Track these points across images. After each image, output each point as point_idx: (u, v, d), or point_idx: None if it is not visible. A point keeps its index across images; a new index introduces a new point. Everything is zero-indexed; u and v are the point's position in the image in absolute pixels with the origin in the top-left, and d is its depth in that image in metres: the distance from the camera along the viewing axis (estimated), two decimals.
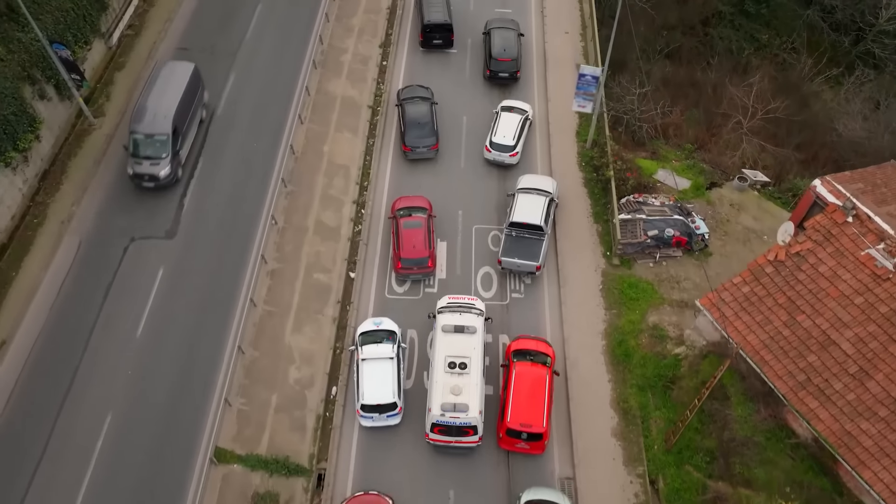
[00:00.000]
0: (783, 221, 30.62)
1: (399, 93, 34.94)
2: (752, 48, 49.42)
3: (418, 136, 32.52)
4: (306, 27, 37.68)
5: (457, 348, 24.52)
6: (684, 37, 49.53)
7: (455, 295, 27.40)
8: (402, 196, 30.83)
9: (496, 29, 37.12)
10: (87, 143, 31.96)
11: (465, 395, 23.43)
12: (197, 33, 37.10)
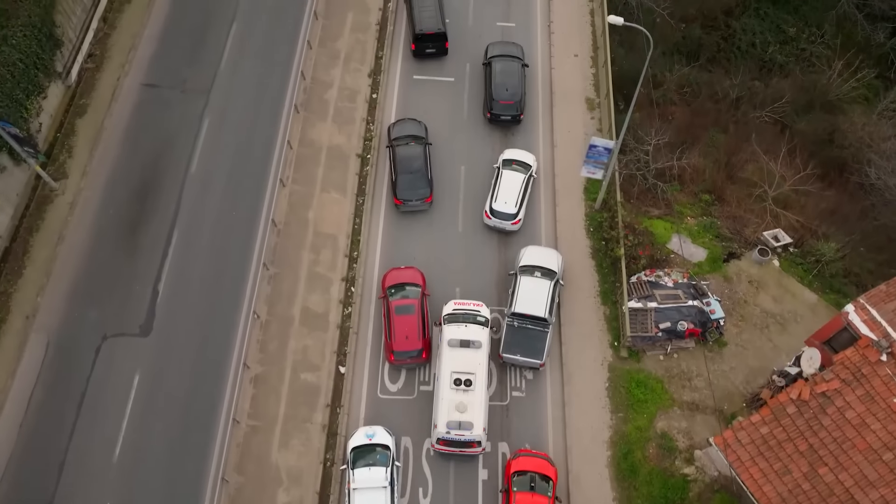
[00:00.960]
0: (805, 303, 28.65)
1: (390, 129, 31.87)
2: (777, 42, 45.19)
3: (411, 187, 29.97)
4: (287, 56, 33.89)
5: (462, 364, 25.02)
6: (704, 31, 45.19)
7: (460, 301, 27.13)
8: (393, 268, 28.51)
9: (498, 59, 33.36)
10: (49, 214, 29.25)
11: (469, 412, 24.29)
12: (165, 64, 33.37)
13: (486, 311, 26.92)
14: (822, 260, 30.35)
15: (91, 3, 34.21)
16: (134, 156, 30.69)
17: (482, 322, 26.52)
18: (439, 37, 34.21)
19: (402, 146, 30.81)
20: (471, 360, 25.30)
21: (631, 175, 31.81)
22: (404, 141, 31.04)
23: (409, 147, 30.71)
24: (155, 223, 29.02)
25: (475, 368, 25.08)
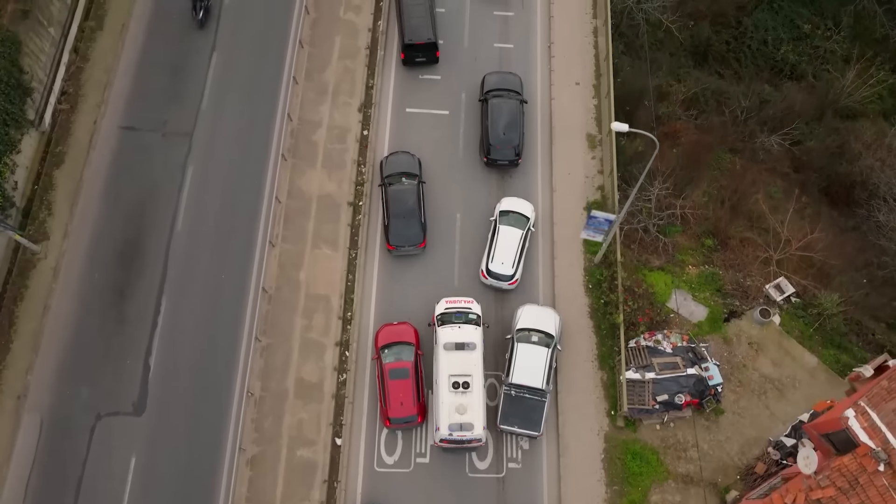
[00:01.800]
0: (804, 367, 28.43)
1: (382, 163, 30.67)
2: (790, 40, 42.87)
3: (403, 233, 29.21)
4: (271, 92, 32.07)
5: (458, 366, 25.89)
6: (713, 28, 42.74)
7: (452, 298, 27.77)
8: (386, 324, 28.05)
9: (495, 96, 31.58)
10: (33, 281, 28.39)
11: (469, 413, 25.38)
12: (143, 103, 31.60)
13: (476, 307, 27.59)
14: (824, 314, 29.87)
15: (60, 34, 31.99)
16: (116, 212, 29.52)
17: (474, 320, 27.13)
18: (429, 46, 32.50)
19: (394, 185, 29.71)
20: (466, 362, 26.05)
21: (633, 229, 30.74)
22: (397, 179, 29.91)
23: (401, 187, 29.63)
24: (142, 289, 28.25)
25: (471, 370, 25.92)
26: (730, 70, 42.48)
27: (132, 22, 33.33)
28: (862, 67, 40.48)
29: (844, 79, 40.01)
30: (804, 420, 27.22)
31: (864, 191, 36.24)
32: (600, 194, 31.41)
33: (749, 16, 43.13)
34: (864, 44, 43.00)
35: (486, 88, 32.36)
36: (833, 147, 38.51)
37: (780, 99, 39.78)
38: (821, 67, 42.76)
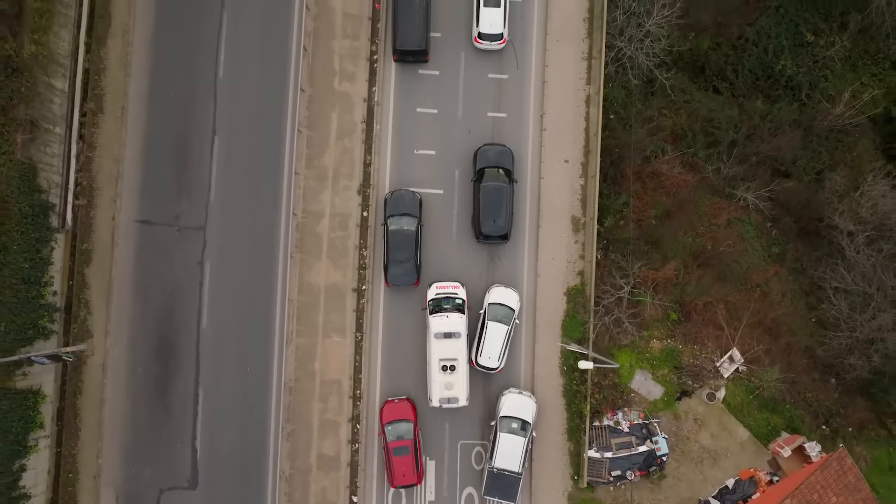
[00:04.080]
0: (737, 440, 34.61)
1: (386, 200, 33.76)
2: (792, 47, 42.19)
3: (401, 274, 33.43)
4: (274, 183, 33.89)
5: (447, 352, 32.43)
6: (714, 40, 41.88)
7: (441, 284, 33.38)
8: (389, 401, 33.46)
9: (487, 184, 33.60)
10: (86, 376, 33.09)
11: (455, 389, 32.53)
12: (154, 195, 33.65)
13: (462, 292, 33.04)
14: (763, 385, 35.01)
15: (65, 127, 32.92)
16: (148, 310, 33.27)
17: (460, 306, 32.71)
18: (420, 52, 34.03)
19: (395, 227, 33.10)
20: (453, 348, 32.52)
21: (605, 322, 34.52)
22: (398, 221, 33.16)
23: (401, 230, 33.07)
24: (180, 383, 33.12)
25: (457, 354, 32.53)
26: (726, 83, 42.50)
27: (130, 102, 33.87)
28: (855, 90, 40.85)
29: (835, 107, 40.54)
30: (729, 485, 33.75)
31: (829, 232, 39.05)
32: (580, 279, 34.76)
33: (753, 24, 41.98)
34: (864, 52, 42.57)
35: (480, 164, 34.10)
36: (810, 188, 40.47)
37: (767, 130, 40.69)
38: (819, 75, 42.65)
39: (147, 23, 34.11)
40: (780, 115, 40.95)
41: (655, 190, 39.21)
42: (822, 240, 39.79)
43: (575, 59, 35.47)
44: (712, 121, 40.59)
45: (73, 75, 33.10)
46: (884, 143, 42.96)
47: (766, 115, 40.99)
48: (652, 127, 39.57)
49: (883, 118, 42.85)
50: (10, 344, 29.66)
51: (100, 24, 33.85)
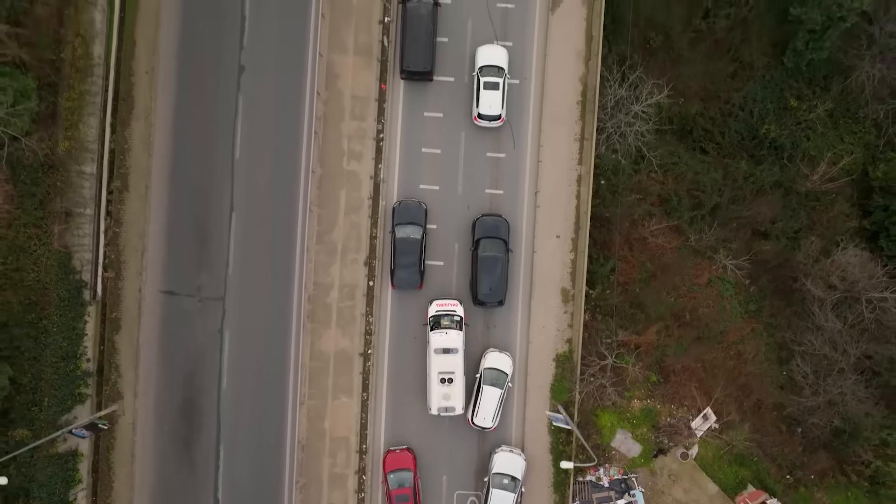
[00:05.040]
0: (706, 494, 38.29)
1: (395, 209, 36.58)
2: (776, 111, 44.45)
3: (406, 278, 36.50)
4: (287, 261, 36.72)
5: (445, 365, 35.70)
6: (702, 105, 44.15)
7: (441, 301, 36.67)
8: (391, 451, 36.88)
9: (484, 254, 36.45)
10: (118, 433, 36.43)
11: (452, 399, 35.95)
12: (177, 268, 36.54)
13: (460, 309, 36.18)
14: (732, 443, 38.49)
15: (94, 208, 35.55)
16: (173, 374, 36.47)
17: (458, 322, 35.92)
18: (426, 73, 36.48)
19: (401, 236, 36.05)
20: (451, 362, 35.68)
21: (590, 388, 37.74)
22: (403, 231, 36.03)
23: (408, 238, 36.06)
24: (203, 439, 36.52)
25: (454, 368, 35.73)
26: (713, 143, 44.88)
27: (153, 181, 36.45)
28: (835, 154, 43.36)
29: (814, 173, 43.08)
30: None
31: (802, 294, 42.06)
32: (568, 347, 37.86)
33: (740, 90, 44.14)
34: (845, 116, 44.80)
35: (478, 234, 36.92)
36: (787, 248, 43.30)
37: (750, 192, 43.31)
38: (801, 135, 44.96)
39: (168, 106, 36.44)
40: (762, 176, 43.54)
41: (642, 252, 42.04)
42: (795, 298, 42.82)
43: (568, 140, 37.91)
44: (698, 184, 43.12)
45: (100, 157, 35.59)
46: (860, 198, 45.61)
47: (749, 175, 43.55)
48: (640, 191, 42.25)
49: (861, 173, 45.37)
50: (53, 416, 32.91)
51: (124, 106, 36.19)
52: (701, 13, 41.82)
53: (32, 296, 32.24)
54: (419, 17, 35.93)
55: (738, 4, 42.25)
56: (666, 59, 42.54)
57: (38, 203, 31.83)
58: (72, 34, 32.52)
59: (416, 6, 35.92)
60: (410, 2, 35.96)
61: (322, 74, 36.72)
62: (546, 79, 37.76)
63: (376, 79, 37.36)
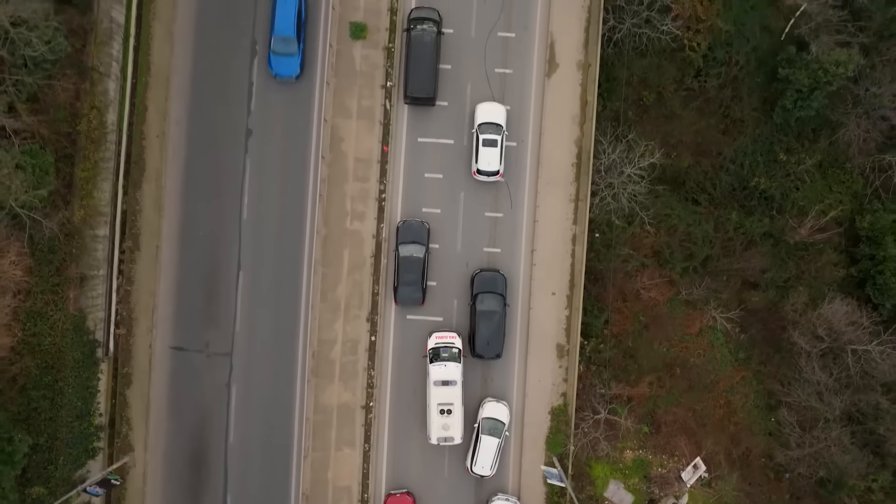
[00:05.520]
0: None
1: (399, 229, 37.92)
2: (765, 163, 45.82)
3: (409, 295, 37.86)
4: (293, 319, 38.11)
5: (444, 397, 36.90)
6: (694, 158, 45.57)
7: (440, 334, 37.88)
8: (391, 496, 38.13)
9: (482, 301, 37.77)
10: (129, 484, 37.72)
11: (451, 429, 37.16)
12: (186, 324, 37.90)
13: (458, 341, 37.40)
14: (721, 494, 39.92)
15: (107, 267, 36.91)
16: (181, 427, 37.84)
17: (456, 354, 37.14)
18: (428, 99, 37.83)
19: (404, 255, 37.29)
20: (450, 394, 36.88)
21: (584, 441, 39.15)
22: (406, 249, 37.36)
23: (410, 257, 37.36)
24: (211, 490, 37.89)
25: (453, 399, 36.90)
26: (705, 194, 46.28)
27: (163, 241, 37.84)
28: (823, 207, 44.80)
29: (802, 226, 44.45)
30: None
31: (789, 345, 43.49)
32: (563, 400, 39.26)
33: (731, 144, 45.54)
34: (833, 166, 46.19)
35: (476, 289, 38.29)
36: (777, 297, 44.72)
37: (740, 243, 44.75)
38: (791, 186, 46.34)
39: (178, 168, 37.86)
40: (752, 228, 44.94)
41: (635, 303, 43.49)
42: (784, 345, 44.24)
43: (563, 201, 39.31)
44: (690, 236, 44.55)
45: (112, 219, 36.96)
46: (848, 245, 47.00)
47: (740, 226, 44.97)
48: (633, 244, 43.67)
49: (849, 221, 46.74)
50: (68, 472, 34.28)
51: (135, 169, 37.61)
52: (692, 72, 43.29)
53: (49, 359, 33.55)
54: (423, 44, 37.28)
55: (728, 64, 43.82)
56: (659, 115, 43.98)
57: (55, 270, 33.18)
58: (87, 107, 33.85)
59: (420, 34, 37.25)
60: (415, 30, 37.31)
61: (327, 138, 38.14)
62: (542, 142, 39.18)
63: (379, 141, 38.78)
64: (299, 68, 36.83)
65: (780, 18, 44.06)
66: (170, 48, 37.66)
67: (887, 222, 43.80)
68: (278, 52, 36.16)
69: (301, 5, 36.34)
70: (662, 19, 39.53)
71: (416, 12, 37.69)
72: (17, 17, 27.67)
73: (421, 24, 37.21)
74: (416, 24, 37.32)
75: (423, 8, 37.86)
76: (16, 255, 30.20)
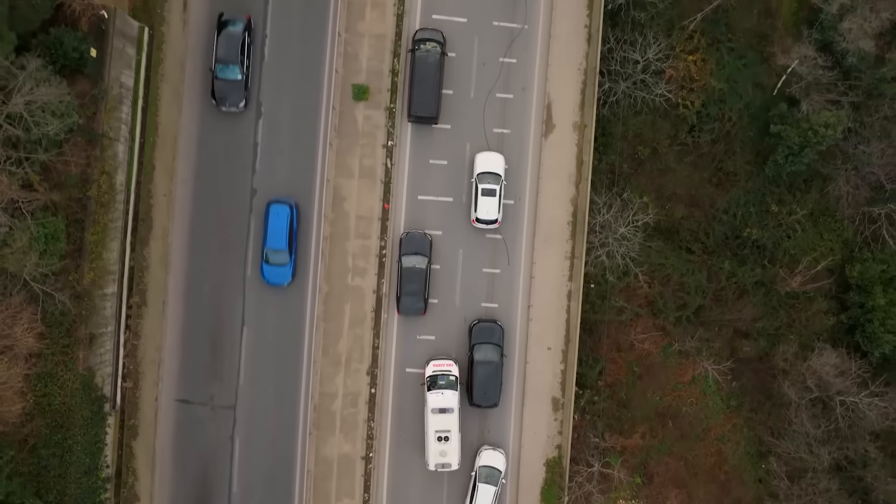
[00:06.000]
0: None
1: (402, 240, 38.98)
2: (757, 213, 46.88)
3: (411, 305, 38.89)
4: (295, 371, 39.15)
5: (441, 424, 37.90)
6: (688, 210, 46.66)
7: (437, 362, 38.83)
8: None
9: (480, 361, 38.69)
10: None
11: (448, 456, 38.22)
12: (192, 378, 38.90)
13: (455, 369, 38.39)
14: None
15: (115, 325, 37.92)
16: (186, 477, 38.84)
17: (453, 382, 38.06)
18: (432, 118, 39.00)
19: (407, 266, 38.32)
20: (447, 421, 37.86)
21: (578, 494, 40.21)
22: (409, 261, 38.40)
23: (413, 268, 38.42)
24: None
25: (450, 426, 37.89)
26: (699, 243, 47.34)
27: (170, 296, 38.86)
28: (814, 257, 45.87)
29: (793, 277, 45.52)
30: None
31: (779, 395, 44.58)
32: (558, 452, 40.31)
33: (724, 196, 46.59)
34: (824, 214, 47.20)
35: (474, 340, 39.30)
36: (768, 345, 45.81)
37: (732, 292, 45.84)
38: (783, 235, 47.38)
39: (184, 226, 38.87)
40: (744, 278, 46.01)
41: (629, 352, 44.61)
42: (774, 392, 45.34)
43: (559, 258, 40.39)
44: (683, 285, 45.66)
45: (120, 277, 37.98)
46: (839, 291, 48.05)
47: (732, 275, 46.06)
48: (628, 295, 44.75)
49: (840, 267, 47.78)
50: None
51: (143, 227, 38.64)
52: (686, 128, 44.45)
53: (59, 419, 34.54)
54: (427, 65, 38.42)
55: (721, 120, 44.98)
56: (653, 169, 45.13)
57: (65, 332, 34.16)
58: (98, 172, 34.85)
59: (425, 55, 38.42)
60: (419, 50, 38.47)
61: (329, 198, 39.19)
62: (539, 200, 40.26)
63: (380, 199, 39.83)
64: (291, 277, 38.35)
65: (772, 75, 45.29)
66: (178, 109, 38.72)
67: (876, 272, 44.88)
68: (271, 262, 37.78)
69: (292, 217, 37.74)
70: (656, 82, 40.64)
71: (421, 33, 38.89)
72: (34, 102, 28.68)
73: (425, 45, 38.40)
74: (420, 44, 38.53)
75: (427, 29, 39.05)
76: (28, 322, 31.18)
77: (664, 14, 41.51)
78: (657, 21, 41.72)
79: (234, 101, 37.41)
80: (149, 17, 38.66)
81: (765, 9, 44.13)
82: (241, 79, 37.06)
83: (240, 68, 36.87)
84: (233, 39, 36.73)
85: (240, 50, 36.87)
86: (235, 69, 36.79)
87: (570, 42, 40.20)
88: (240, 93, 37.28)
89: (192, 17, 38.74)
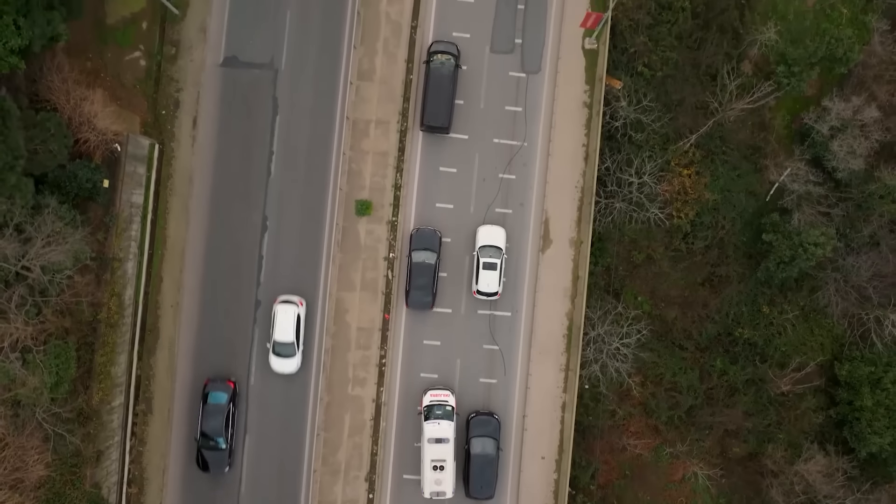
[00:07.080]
0: None
1: (412, 236, 40.03)
2: (749, 313, 48.00)
3: (419, 299, 39.92)
4: (293, 482, 40.18)
5: (437, 454, 38.99)
6: (681, 311, 47.81)
7: (435, 392, 39.78)
8: None
9: (476, 456, 39.50)
10: None
11: (443, 484, 39.34)
12: (195, 484, 39.87)
13: (452, 399, 39.38)
14: None
15: (121, 433, 38.99)
16: None
17: (449, 413, 39.01)
18: (444, 128, 40.35)
19: (417, 261, 39.41)
20: (443, 451, 38.93)
21: None
22: (419, 256, 39.50)
23: (422, 263, 39.44)
24: None
25: (446, 456, 38.94)
26: (691, 341, 48.46)
27: (175, 405, 39.95)
28: (805, 358, 46.97)
29: (783, 379, 46.61)
30: None
31: None
32: None
33: (717, 297, 47.73)
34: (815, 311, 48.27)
35: (471, 433, 40.09)
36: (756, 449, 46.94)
37: (724, 391, 46.95)
38: (774, 332, 48.46)
39: (190, 337, 39.96)
40: (735, 377, 47.11)
41: (621, 454, 45.71)
42: (763, 490, 46.38)
43: (554, 370, 41.50)
44: (675, 385, 46.76)
45: (127, 386, 39.06)
46: (828, 385, 49.14)
47: (724, 373, 47.16)
48: (621, 398, 45.84)
49: (830, 364, 48.88)
50: None
51: (150, 337, 39.76)
52: (681, 236, 45.60)
53: None
54: (441, 76, 39.75)
55: (714, 227, 46.14)
56: (648, 273, 46.29)
57: (73, 451, 35.18)
58: (107, 295, 35.96)
59: (439, 67, 39.76)
60: (434, 62, 39.83)
61: (331, 311, 40.30)
62: (535, 313, 41.36)
63: (380, 310, 40.94)
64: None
65: (765, 183, 46.45)
66: (185, 222, 39.87)
67: (864, 373, 45.92)
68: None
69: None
70: (651, 202, 41.76)
71: (436, 45, 40.35)
72: (49, 262, 29.83)
73: (440, 56, 39.65)
74: (434, 56, 39.85)
75: (442, 42, 40.39)
76: (38, 453, 32.20)
77: (660, 132, 42.68)
78: (653, 137, 42.89)
79: (218, 469, 39.07)
80: (159, 133, 39.92)
81: (759, 122, 45.30)
82: (226, 448, 38.59)
83: (224, 439, 38.45)
84: (218, 412, 38.23)
85: (224, 422, 38.31)
86: (220, 440, 38.39)
87: (568, 160, 41.41)
88: (224, 461, 38.96)
89: (201, 133, 40.01)
